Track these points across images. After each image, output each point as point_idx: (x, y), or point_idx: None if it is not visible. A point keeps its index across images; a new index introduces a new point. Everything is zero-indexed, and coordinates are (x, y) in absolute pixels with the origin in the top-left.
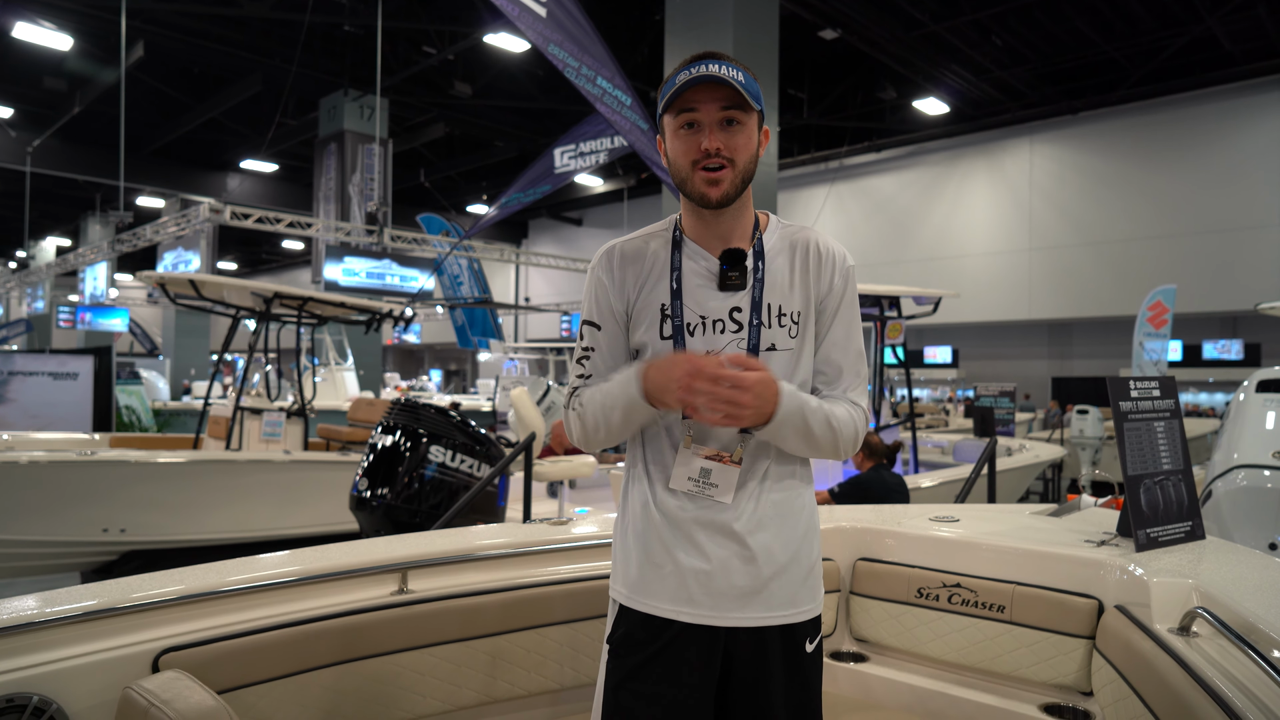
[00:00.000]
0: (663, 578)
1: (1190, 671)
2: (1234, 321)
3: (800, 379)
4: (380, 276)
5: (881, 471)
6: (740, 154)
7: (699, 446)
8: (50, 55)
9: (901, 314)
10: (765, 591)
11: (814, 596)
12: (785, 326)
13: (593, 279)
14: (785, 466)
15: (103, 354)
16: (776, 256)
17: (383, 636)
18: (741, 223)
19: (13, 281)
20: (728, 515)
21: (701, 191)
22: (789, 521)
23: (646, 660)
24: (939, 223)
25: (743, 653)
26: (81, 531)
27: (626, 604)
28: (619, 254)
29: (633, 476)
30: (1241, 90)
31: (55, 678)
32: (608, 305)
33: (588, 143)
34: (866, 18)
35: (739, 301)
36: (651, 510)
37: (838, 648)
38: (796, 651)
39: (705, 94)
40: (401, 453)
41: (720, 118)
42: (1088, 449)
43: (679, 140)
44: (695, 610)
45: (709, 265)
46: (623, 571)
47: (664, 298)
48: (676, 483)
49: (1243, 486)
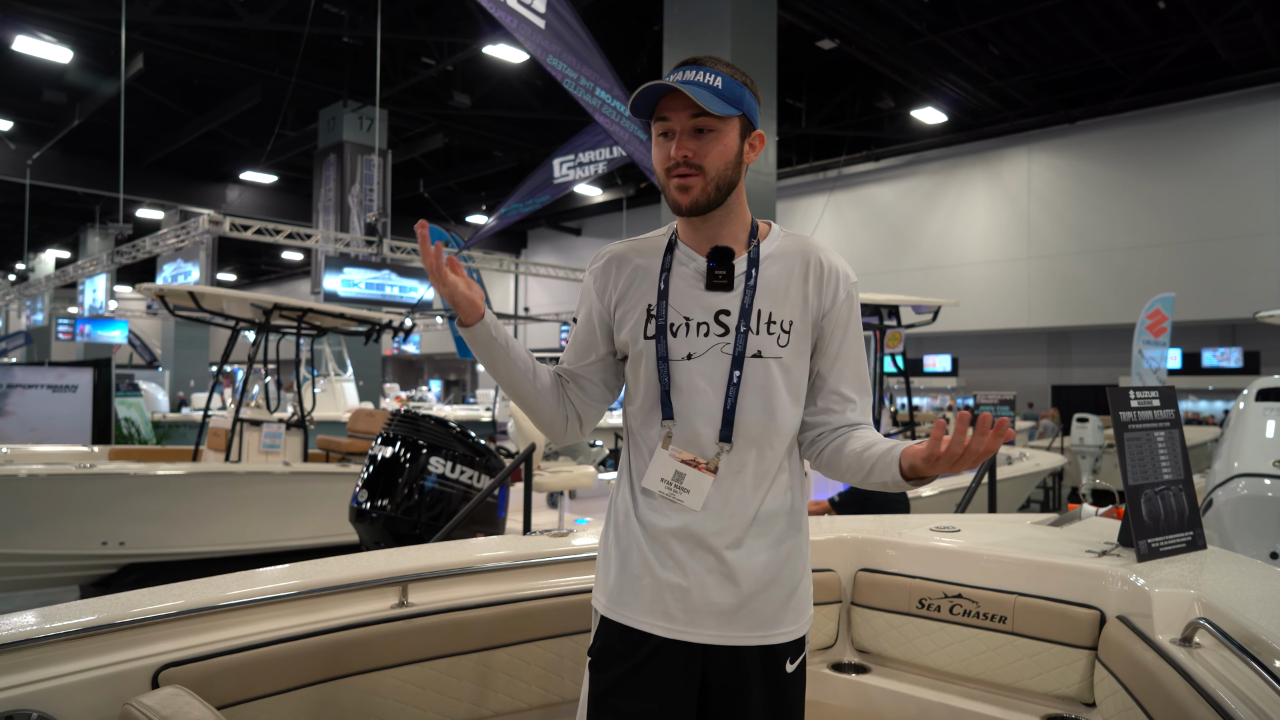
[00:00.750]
0: (640, 590)
1: (1193, 682)
2: (1233, 329)
3: (789, 389)
4: (380, 287)
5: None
6: (710, 160)
7: (676, 449)
8: (50, 68)
9: (901, 323)
10: (744, 610)
11: (798, 617)
12: (774, 334)
13: (586, 278)
14: (772, 480)
15: (102, 366)
16: (775, 264)
17: (384, 651)
18: (731, 229)
19: (12, 294)
20: (707, 529)
21: (673, 198)
22: (773, 539)
23: (625, 675)
24: (937, 232)
25: (720, 671)
26: (80, 544)
27: (606, 614)
28: (609, 255)
29: (620, 484)
30: (1238, 99)
31: (54, 694)
32: (590, 303)
33: (587, 153)
34: (864, 28)
35: (727, 304)
36: (632, 520)
37: (839, 659)
38: (777, 671)
39: (676, 101)
40: (401, 464)
41: (690, 125)
42: (1088, 457)
43: (657, 148)
44: (671, 625)
45: (698, 266)
46: (604, 581)
47: (651, 298)
48: (648, 481)
49: (1243, 495)
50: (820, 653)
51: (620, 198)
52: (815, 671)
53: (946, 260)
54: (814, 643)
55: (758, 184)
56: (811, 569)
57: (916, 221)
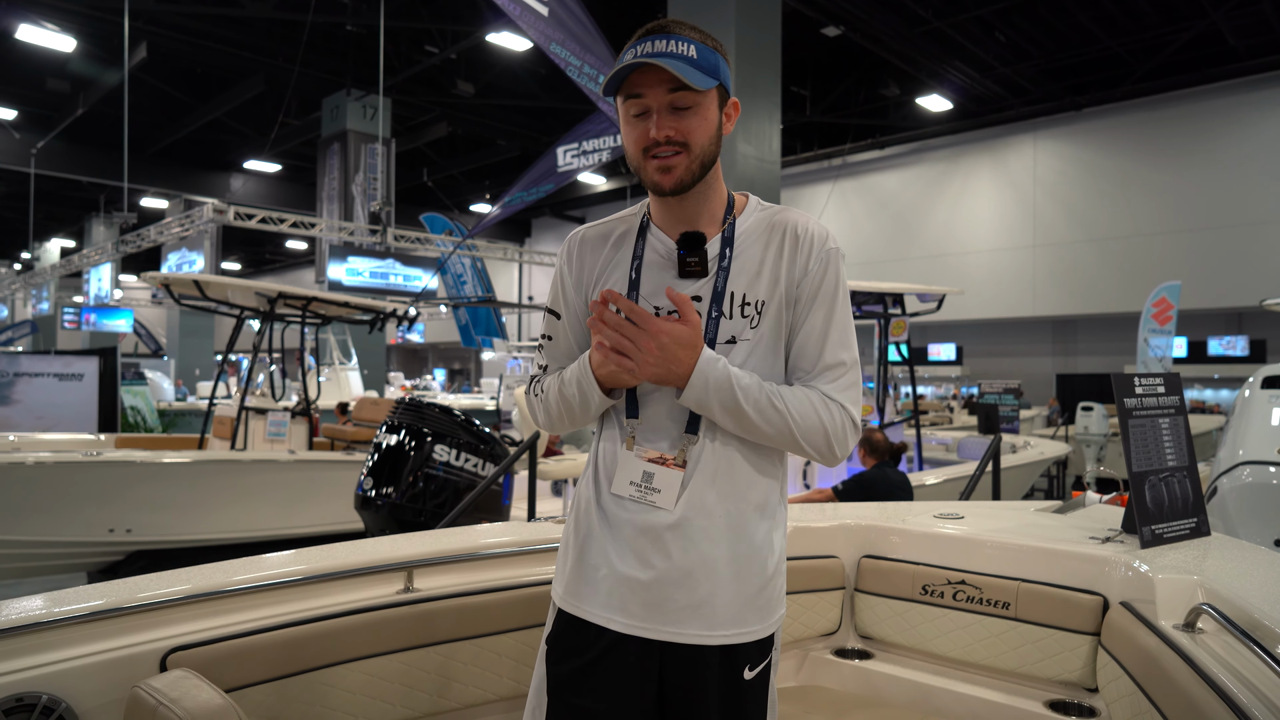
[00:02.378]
0: (597, 582)
1: (1196, 668)
2: (1239, 318)
3: (763, 376)
4: (384, 276)
5: (885, 469)
6: (695, 137)
7: (641, 449)
8: (54, 57)
9: (905, 311)
10: (705, 608)
11: (764, 617)
12: (748, 316)
13: (556, 267)
14: (741, 471)
15: (108, 355)
16: (751, 243)
17: (390, 635)
18: (709, 206)
19: (18, 283)
20: (670, 522)
21: (654, 180)
22: (741, 533)
23: (580, 670)
24: (943, 220)
25: (677, 670)
26: (87, 532)
27: (562, 605)
28: (579, 241)
29: (586, 471)
30: (1246, 85)
31: (64, 677)
32: (568, 294)
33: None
34: (869, 14)
35: (699, 290)
36: (593, 511)
37: (843, 644)
38: (735, 678)
39: (650, 77)
40: (406, 452)
41: (668, 101)
42: (1092, 445)
43: (630, 127)
44: (629, 620)
45: (671, 252)
46: (561, 571)
47: (622, 287)
48: (618, 487)
49: (1248, 483)
50: (824, 638)
51: (624, 186)
52: (819, 657)
53: (951, 248)
54: (818, 628)
55: (761, 172)
56: (815, 555)
57: (921, 210)
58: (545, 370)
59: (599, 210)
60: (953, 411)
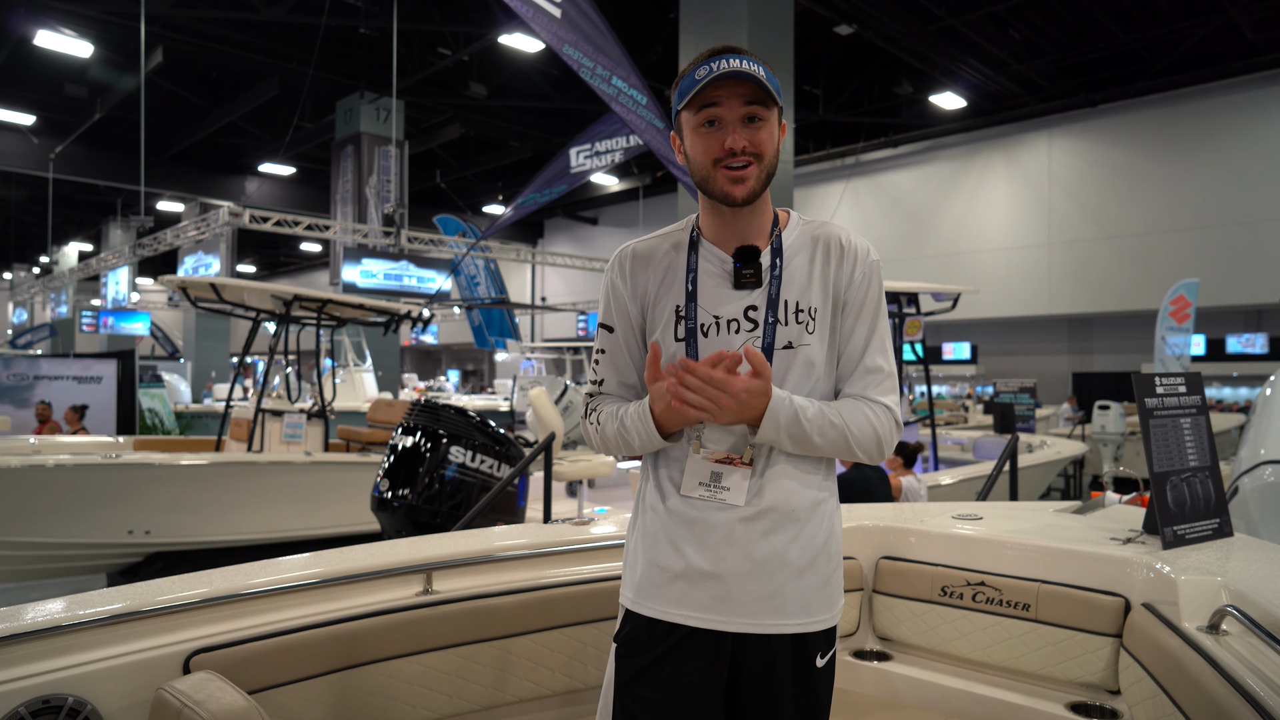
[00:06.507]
0: (669, 580)
1: (1220, 670)
2: (1258, 315)
3: (819, 376)
4: (398, 278)
5: (863, 468)
6: (765, 149)
7: (708, 450)
8: (71, 62)
9: (920, 310)
10: (778, 598)
11: (830, 605)
12: (803, 322)
13: (607, 281)
14: (804, 467)
15: (125, 357)
16: (797, 253)
17: (409, 637)
18: (760, 220)
19: (37, 287)
20: (739, 517)
21: (725, 190)
22: (806, 526)
23: (651, 664)
24: (957, 218)
25: (751, 660)
26: (107, 533)
27: (632, 608)
28: (632, 256)
29: (646, 478)
30: (1264, 80)
31: (89, 679)
32: (623, 308)
33: (603, 142)
34: (882, 12)
35: (755, 300)
36: (661, 512)
37: (861, 646)
38: (807, 666)
39: (728, 89)
40: (422, 453)
41: (743, 114)
42: (1109, 445)
43: (700, 138)
44: (703, 615)
45: (725, 264)
46: (630, 575)
47: (678, 300)
48: (688, 489)
49: (1270, 483)
50: (842, 640)
51: (636, 186)
52: (838, 659)
53: (966, 247)
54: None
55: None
56: None
57: (935, 208)
58: (600, 386)
59: (611, 211)
60: (967, 411)
